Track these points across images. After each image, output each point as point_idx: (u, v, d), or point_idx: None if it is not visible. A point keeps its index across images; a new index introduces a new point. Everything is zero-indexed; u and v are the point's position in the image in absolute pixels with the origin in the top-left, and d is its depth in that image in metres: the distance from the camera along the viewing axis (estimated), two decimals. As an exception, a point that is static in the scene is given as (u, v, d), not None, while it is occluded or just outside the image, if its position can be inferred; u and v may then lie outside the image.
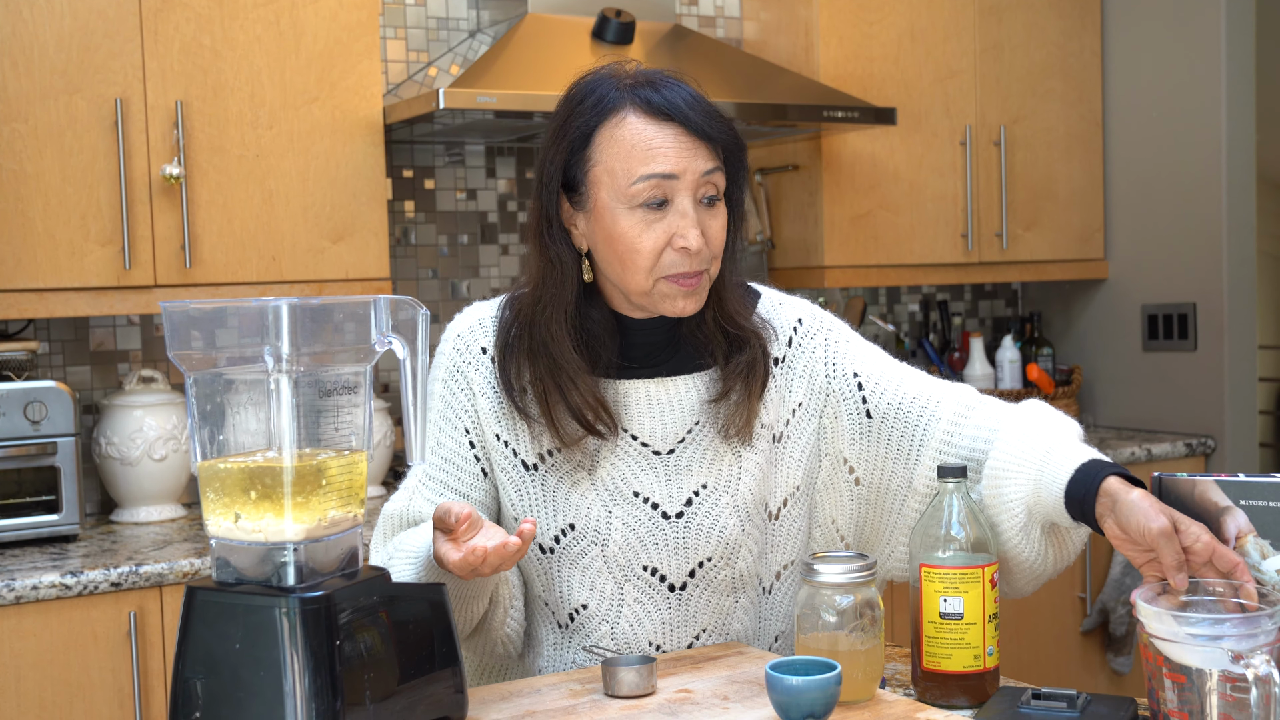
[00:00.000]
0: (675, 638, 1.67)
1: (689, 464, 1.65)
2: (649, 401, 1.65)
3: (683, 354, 1.67)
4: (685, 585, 1.65)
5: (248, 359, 1.28)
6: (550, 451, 1.64)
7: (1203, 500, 1.44)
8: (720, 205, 1.59)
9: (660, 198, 1.54)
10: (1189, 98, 3.71)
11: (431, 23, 3.35)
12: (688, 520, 1.64)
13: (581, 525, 1.63)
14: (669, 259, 1.55)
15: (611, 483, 1.63)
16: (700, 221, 1.56)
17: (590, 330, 1.61)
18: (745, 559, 1.68)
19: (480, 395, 1.66)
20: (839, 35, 3.49)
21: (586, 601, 1.65)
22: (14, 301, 2.61)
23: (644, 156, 1.54)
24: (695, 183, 1.55)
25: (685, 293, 1.57)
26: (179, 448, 2.86)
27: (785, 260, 3.64)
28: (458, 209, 3.41)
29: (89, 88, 2.65)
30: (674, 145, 1.54)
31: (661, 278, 1.56)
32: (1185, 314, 3.76)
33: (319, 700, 1.23)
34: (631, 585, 1.64)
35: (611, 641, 1.65)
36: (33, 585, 2.33)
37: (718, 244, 1.58)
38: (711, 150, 1.57)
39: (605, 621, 1.65)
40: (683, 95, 1.56)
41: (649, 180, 1.53)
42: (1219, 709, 1.26)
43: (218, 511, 1.29)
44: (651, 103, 1.55)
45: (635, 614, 1.65)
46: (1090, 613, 3.55)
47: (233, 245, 2.78)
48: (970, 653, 1.48)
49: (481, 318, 1.69)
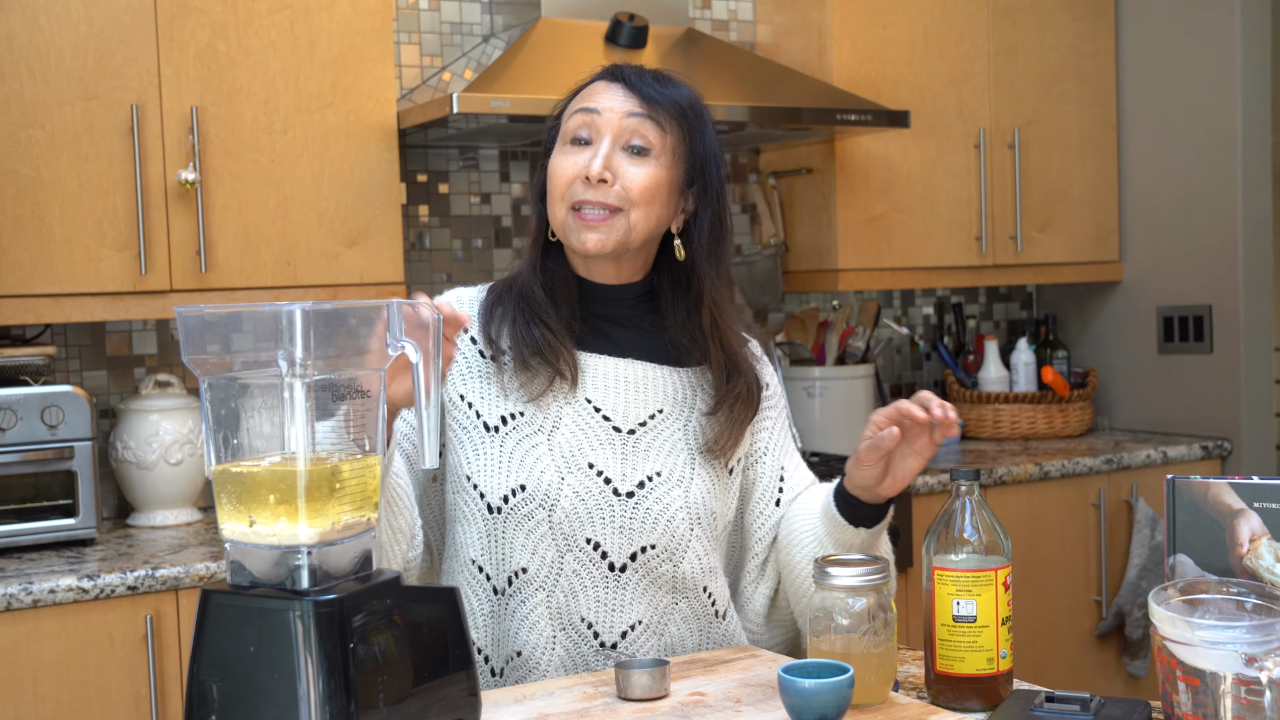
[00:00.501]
0: (609, 620, 1.67)
1: (647, 448, 1.70)
2: (616, 378, 1.71)
3: (654, 343, 1.74)
4: (625, 568, 1.67)
5: (262, 363, 1.29)
6: (513, 414, 1.69)
7: (1216, 503, 1.44)
8: (650, 160, 1.66)
9: (586, 135, 1.67)
10: (1204, 99, 3.70)
11: (445, 28, 3.36)
12: (638, 502, 1.68)
13: (532, 487, 1.65)
14: (577, 187, 1.65)
15: (568, 450, 1.68)
16: (615, 162, 1.65)
17: (552, 283, 1.71)
18: (692, 562, 1.69)
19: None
20: (852, 38, 3.49)
21: (526, 565, 1.66)
22: (31, 307, 2.63)
23: (582, 97, 1.71)
24: (619, 125, 1.66)
25: (584, 226, 1.65)
26: (195, 452, 2.87)
27: (799, 264, 3.64)
28: (471, 213, 3.42)
29: (105, 94, 2.66)
30: (608, 92, 1.69)
31: (570, 208, 1.66)
32: (1201, 316, 3.75)
33: (333, 703, 1.23)
34: (573, 556, 1.66)
35: (546, 612, 1.66)
36: (50, 589, 2.34)
37: (635, 190, 1.65)
38: (645, 104, 1.66)
39: (542, 589, 1.66)
40: (647, 72, 1.70)
41: (578, 114, 1.68)
42: (1233, 712, 1.25)
43: (232, 515, 1.30)
44: (612, 71, 1.71)
45: (572, 585, 1.66)
46: (1106, 616, 3.54)
47: (248, 250, 2.79)
48: (983, 655, 1.48)
49: (460, 295, 1.80)
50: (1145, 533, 3.53)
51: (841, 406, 3.56)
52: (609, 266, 1.71)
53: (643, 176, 1.65)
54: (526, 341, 1.68)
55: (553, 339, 1.67)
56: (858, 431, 3.52)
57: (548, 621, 1.66)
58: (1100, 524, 3.53)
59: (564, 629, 1.66)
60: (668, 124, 1.66)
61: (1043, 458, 3.49)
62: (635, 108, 1.66)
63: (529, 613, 1.66)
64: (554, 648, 1.66)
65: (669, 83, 1.70)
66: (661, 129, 1.66)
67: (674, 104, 1.68)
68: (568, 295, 1.71)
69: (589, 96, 1.70)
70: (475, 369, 1.72)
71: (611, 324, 1.74)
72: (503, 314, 1.72)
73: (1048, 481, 3.45)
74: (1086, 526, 3.53)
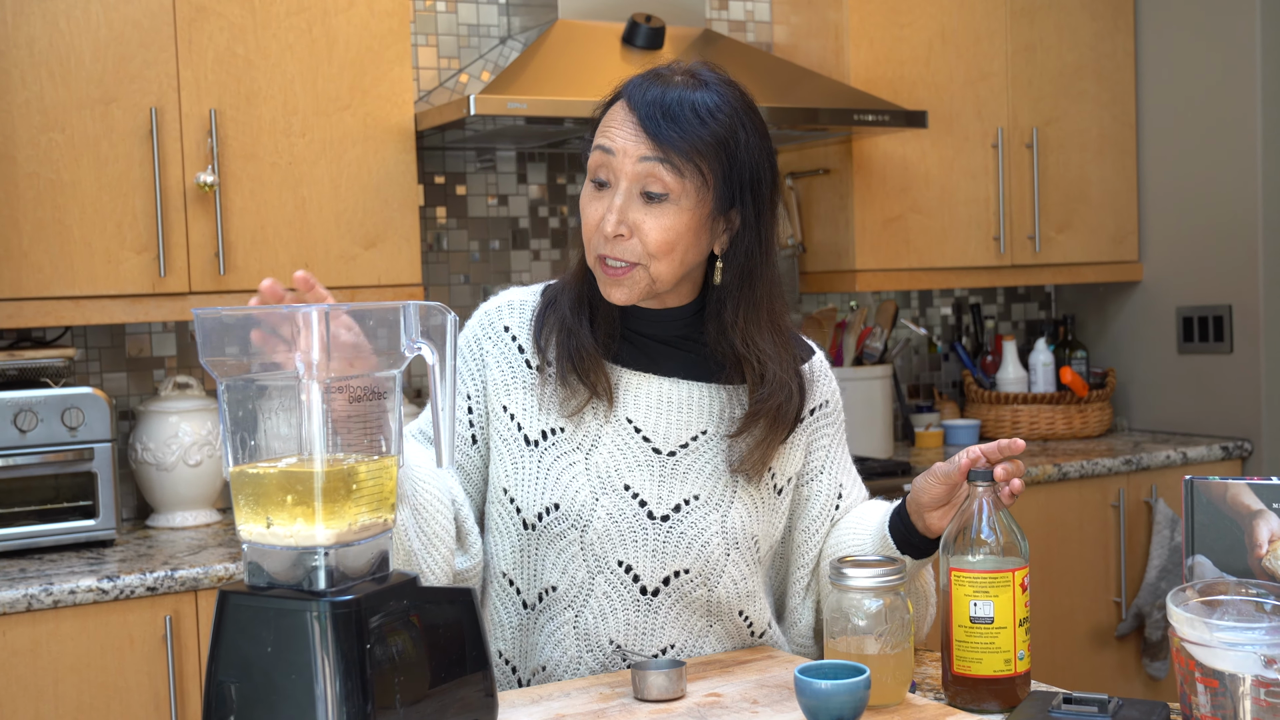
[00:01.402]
0: (639, 643, 1.64)
1: (686, 471, 1.65)
2: (659, 398, 1.66)
3: (701, 361, 1.67)
4: (659, 592, 1.63)
5: (279, 365, 1.29)
6: (553, 430, 1.65)
7: (1235, 503, 1.43)
8: (669, 206, 1.55)
9: (604, 177, 1.58)
10: (1223, 98, 3.69)
11: (462, 29, 3.36)
12: (672, 526, 1.63)
13: (566, 507, 1.63)
14: (598, 239, 1.58)
15: (605, 470, 1.64)
16: (630, 212, 1.56)
17: (595, 302, 1.65)
18: (727, 586, 1.66)
19: (495, 367, 1.69)
20: (869, 38, 3.48)
21: (556, 584, 1.64)
22: (51, 309, 2.64)
23: (602, 131, 1.60)
24: (633, 170, 1.55)
25: (608, 279, 1.59)
26: (214, 453, 2.88)
27: (816, 264, 3.63)
28: (489, 215, 3.42)
29: (124, 97, 2.68)
30: (622, 128, 1.57)
31: (596, 257, 1.59)
32: (1221, 316, 3.73)
33: (350, 703, 1.24)
34: (603, 577, 1.63)
35: (573, 632, 1.64)
36: (70, 590, 2.35)
37: (653, 243, 1.55)
38: (658, 148, 1.54)
39: (570, 608, 1.64)
40: (667, 95, 1.56)
41: (596, 151, 1.59)
42: (1252, 714, 1.25)
43: (250, 516, 1.31)
44: (632, 95, 1.58)
45: (601, 607, 1.63)
46: (1125, 617, 3.53)
47: (266, 252, 2.80)
48: (1001, 657, 1.48)
49: (512, 300, 1.73)
50: (1165, 534, 3.51)
51: (859, 407, 3.55)
52: (648, 300, 1.65)
53: (660, 229, 1.55)
54: (566, 357, 1.64)
55: (589, 358, 1.63)
56: (876, 432, 3.55)
57: (574, 641, 1.64)
58: (1120, 525, 3.52)
59: (590, 650, 1.64)
60: (684, 166, 1.54)
61: (1061, 458, 3.48)
62: (647, 151, 1.54)
63: (556, 630, 1.65)
64: (579, 667, 1.65)
65: (687, 114, 1.55)
66: (678, 172, 1.54)
67: (689, 145, 1.54)
68: (608, 312, 1.65)
69: (607, 128, 1.59)
70: (520, 380, 1.68)
71: (657, 343, 1.67)
72: (553, 322, 1.67)
73: (1067, 482, 3.43)
74: (1106, 527, 3.51)
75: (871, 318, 3.76)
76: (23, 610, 2.32)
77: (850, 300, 3.86)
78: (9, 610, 2.31)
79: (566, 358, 1.63)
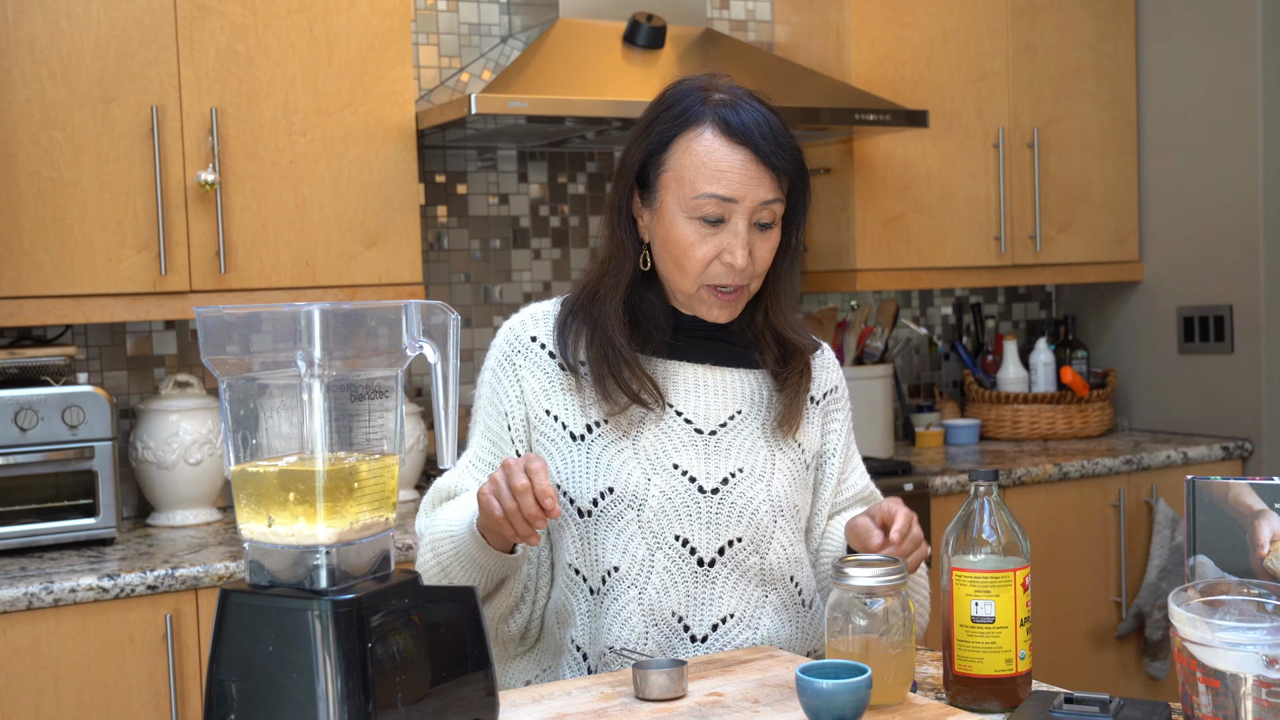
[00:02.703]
0: (700, 614, 1.71)
1: (729, 447, 1.75)
2: (696, 383, 1.76)
3: (733, 348, 1.78)
4: (714, 562, 1.71)
5: (281, 364, 1.29)
6: (597, 423, 1.73)
7: (1237, 504, 1.43)
8: (774, 230, 1.70)
9: (718, 215, 1.66)
10: (1224, 98, 3.69)
11: (463, 28, 3.36)
12: (723, 497, 1.72)
13: (620, 489, 1.70)
14: (715, 270, 1.68)
15: (653, 453, 1.72)
16: (750, 243, 1.67)
17: (645, 311, 1.74)
18: (778, 553, 1.74)
19: (529, 378, 1.76)
20: (870, 38, 3.48)
21: (619, 564, 1.70)
22: (52, 307, 2.64)
23: (711, 175, 1.65)
24: (752, 209, 1.67)
25: (722, 304, 1.71)
26: (214, 452, 2.88)
27: (817, 264, 3.63)
28: (490, 214, 3.42)
29: (125, 96, 2.67)
30: (740, 171, 1.65)
31: (705, 285, 1.69)
32: (1222, 316, 3.73)
33: (351, 702, 1.23)
34: (662, 553, 1.70)
35: (639, 608, 1.69)
36: (70, 588, 2.35)
37: (762, 264, 1.70)
38: (776, 180, 1.67)
39: (634, 586, 1.70)
40: (760, 121, 1.67)
41: (710, 198, 1.65)
42: (1254, 714, 1.25)
43: (251, 515, 1.30)
44: (729, 124, 1.66)
45: (663, 581, 1.70)
46: (1126, 617, 3.53)
47: (267, 251, 2.80)
48: (1002, 656, 1.47)
49: (535, 313, 1.82)
50: (1165, 533, 3.51)
51: (860, 407, 3.55)
52: None
53: (767, 251, 1.70)
54: (607, 370, 1.71)
55: (639, 373, 1.71)
56: (876, 431, 3.55)
57: (640, 618, 1.70)
58: (1120, 525, 3.52)
59: (656, 624, 1.70)
60: (786, 191, 1.70)
61: (1062, 458, 3.48)
62: (769, 193, 1.67)
63: (622, 609, 1.70)
64: (646, 643, 1.70)
65: (787, 144, 1.68)
66: (784, 202, 1.70)
67: (797, 171, 1.69)
68: (659, 324, 1.74)
69: (718, 174, 1.65)
70: (557, 383, 1.76)
71: (699, 339, 1.78)
72: (577, 330, 1.75)
73: (1067, 482, 3.43)
74: (1106, 527, 3.51)
75: (872, 317, 3.76)
76: (23, 609, 2.32)
77: (851, 300, 3.86)
78: (9, 609, 2.31)
79: (607, 370, 1.71)
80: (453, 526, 1.68)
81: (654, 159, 1.69)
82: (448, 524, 1.69)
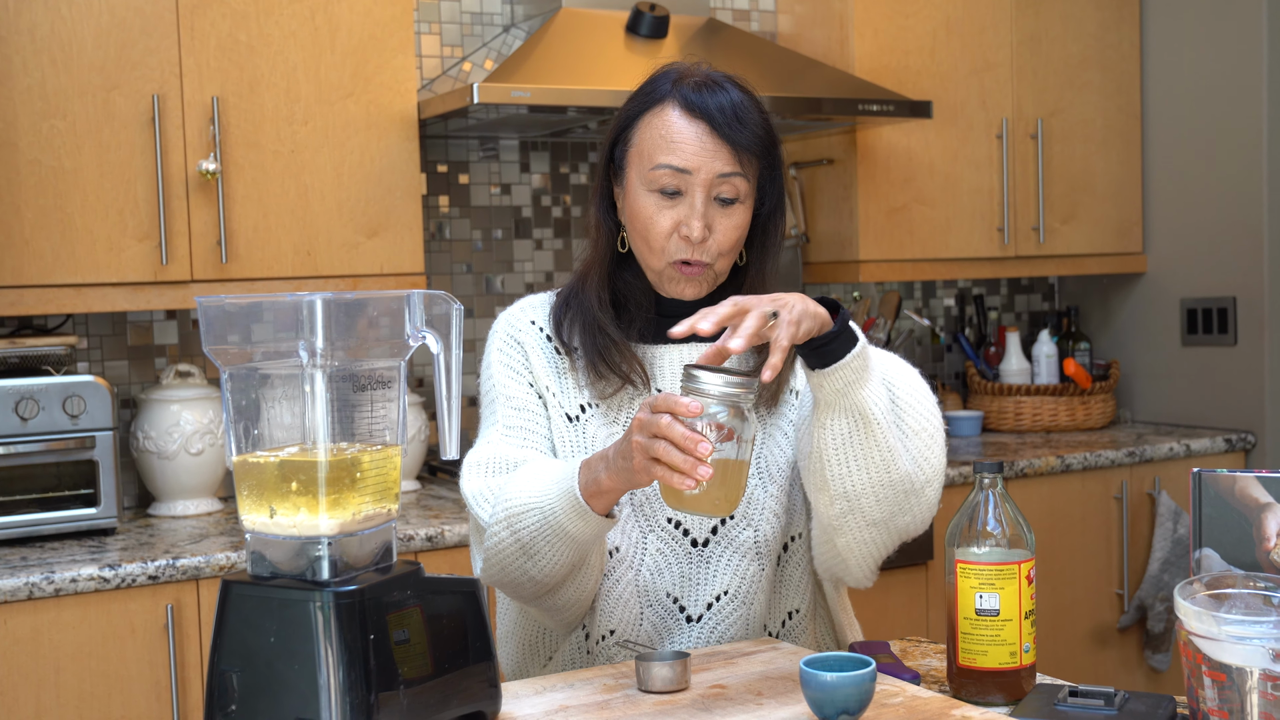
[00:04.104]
0: (694, 594, 1.72)
1: None
2: (680, 364, 1.75)
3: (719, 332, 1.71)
4: (708, 542, 1.72)
5: (282, 354, 1.29)
6: (590, 404, 1.74)
7: (1243, 497, 1.43)
8: (737, 207, 1.68)
9: (675, 187, 1.66)
10: (1229, 89, 3.67)
11: (466, 17, 3.35)
12: None
13: None
14: (675, 244, 1.68)
15: None
16: (709, 217, 1.67)
17: (627, 294, 1.75)
18: (770, 523, 1.73)
19: (533, 354, 1.77)
20: (874, 28, 3.47)
21: (619, 544, 1.71)
22: (52, 297, 2.63)
23: (667, 147, 1.66)
24: (709, 181, 1.66)
25: (686, 279, 1.70)
26: (215, 442, 2.87)
27: (820, 255, 3.62)
28: (492, 204, 3.41)
29: (126, 84, 2.66)
30: (695, 143, 1.65)
31: (669, 261, 1.69)
32: (1225, 308, 3.72)
33: (353, 693, 1.23)
34: (655, 535, 1.72)
35: (634, 590, 1.70)
36: (71, 578, 2.35)
37: (726, 242, 1.68)
38: (733, 154, 1.66)
39: (631, 568, 1.70)
40: (723, 99, 1.66)
41: (666, 169, 1.66)
42: (1259, 708, 1.24)
43: (253, 506, 1.30)
44: (689, 100, 1.67)
45: (656, 563, 1.71)
46: (1127, 609, 3.52)
47: (268, 240, 2.80)
48: (1006, 649, 1.47)
49: (531, 301, 1.83)
50: (1167, 526, 3.51)
51: (862, 398, 3.54)
52: None
53: (731, 229, 1.68)
54: (597, 352, 1.72)
55: (619, 348, 1.72)
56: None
57: (636, 599, 1.71)
58: (1122, 517, 3.51)
59: (650, 605, 1.71)
60: (750, 171, 1.68)
61: (1064, 450, 3.47)
62: (725, 166, 1.65)
63: (621, 591, 1.70)
64: (642, 624, 1.71)
65: (752, 118, 1.67)
66: (748, 179, 1.68)
67: (759, 149, 1.67)
68: (641, 305, 1.75)
69: (673, 145, 1.65)
70: (554, 365, 1.77)
71: (675, 319, 1.73)
72: (573, 317, 1.76)
73: (1069, 474, 3.43)
74: (1108, 519, 3.51)
75: (875, 308, 3.75)
76: (24, 598, 2.32)
77: (854, 291, 3.85)
78: (10, 598, 2.31)
79: (595, 351, 1.72)
80: (537, 499, 1.59)
81: (622, 136, 1.72)
82: (530, 496, 1.60)
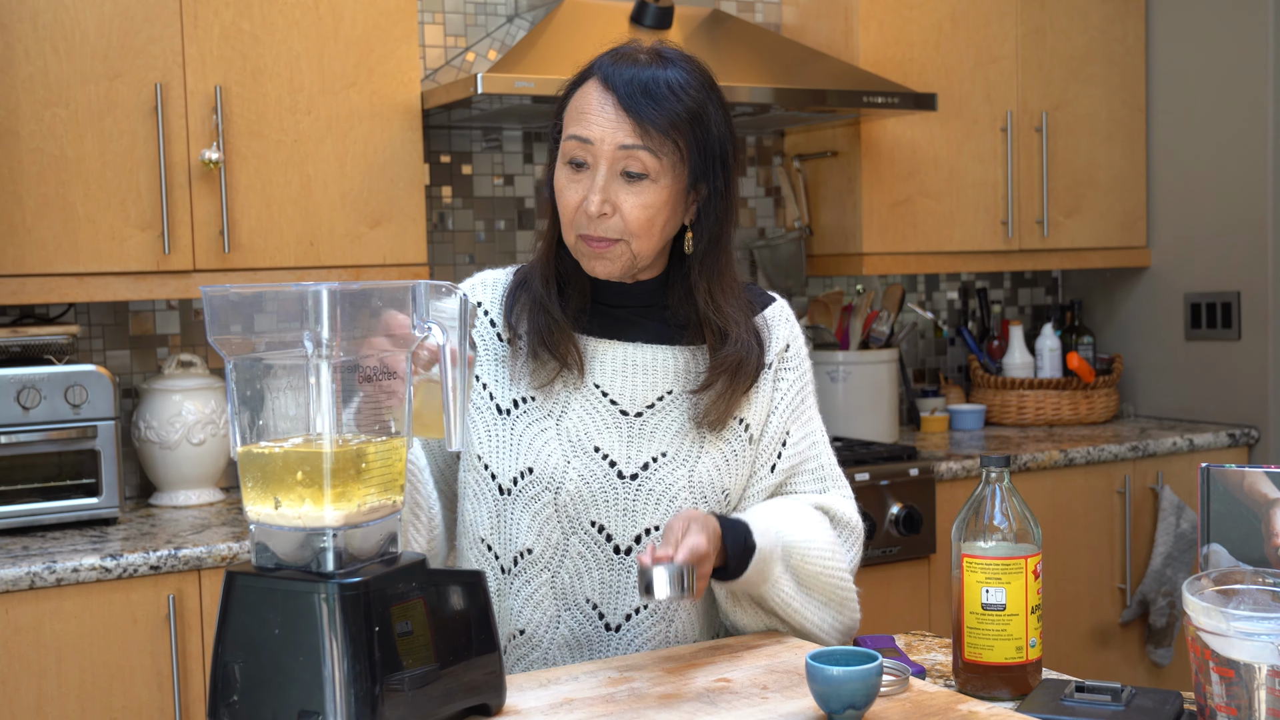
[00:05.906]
0: (615, 603, 1.68)
1: (654, 430, 1.70)
2: (624, 362, 1.71)
3: (665, 326, 1.72)
4: (630, 550, 1.67)
5: (287, 344, 1.28)
6: (525, 399, 1.70)
7: (1252, 492, 1.42)
8: (647, 184, 1.62)
9: (582, 159, 1.63)
10: (1234, 83, 3.66)
11: (469, 8, 3.34)
12: (641, 483, 1.67)
13: (539, 470, 1.67)
14: (580, 218, 1.64)
15: (575, 434, 1.69)
16: (612, 192, 1.62)
17: (566, 275, 1.71)
18: None
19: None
20: (879, 20, 3.46)
21: (532, 546, 1.68)
22: (54, 286, 2.62)
23: (576, 118, 1.64)
24: (612, 154, 1.61)
25: (593, 254, 1.65)
26: (217, 432, 2.87)
27: (823, 247, 3.62)
28: (495, 194, 3.40)
29: (129, 73, 2.66)
30: (599, 114, 1.62)
31: (578, 235, 1.65)
32: (1229, 303, 3.71)
33: (357, 685, 1.23)
34: (577, 538, 1.68)
35: (550, 592, 1.67)
36: (73, 568, 2.34)
37: (634, 220, 1.62)
38: (637, 127, 1.60)
39: (547, 569, 1.68)
40: (641, 74, 1.62)
41: (573, 139, 1.63)
42: (1267, 704, 1.24)
43: (257, 497, 1.29)
44: (607, 75, 1.63)
45: (577, 567, 1.68)
46: (1130, 604, 3.52)
47: (271, 230, 2.79)
48: (1012, 644, 1.46)
49: (485, 279, 1.80)
50: (1170, 520, 3.50)
51: (865, 391, 3.54)
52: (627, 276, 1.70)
53: (640, 206, 1.62)
54: (536, 331, 1.69)
55: (559, 331, 1.68)
56: (881, 416, 3.54)
57: (551, 601, 1.68)
58: (1125, 511, 3.51)
59: (568, 609, 1.68)
60: (663, 145, 1.61)
61: (1067, 444, 3.47)
62: (627, 138, 1.60)
63: (533, 592, 1.68)
64: (558, 627, 1.68)
65: (664, 92, 1.61)
66: (656, 156, 1.61)
67: (668, 124, 1.60)
68: (579, 287, 1.71)
69: (582, 115, 1.63)
70: (492, 352, 1.74)
71: (623, 311, 1.73)
72: (524, 300, 1.73)
73: (1072, 468, 3.42)
74: (1111, 514, 3.50)
75: (878, 301, 3.75)
76: (25, 588, 2.32)
77: (857, 284, 3.84)
78: (12, 588, 2.30)
79: (536, 332, 1.69)
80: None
81: (560, 117, 1.69)
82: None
